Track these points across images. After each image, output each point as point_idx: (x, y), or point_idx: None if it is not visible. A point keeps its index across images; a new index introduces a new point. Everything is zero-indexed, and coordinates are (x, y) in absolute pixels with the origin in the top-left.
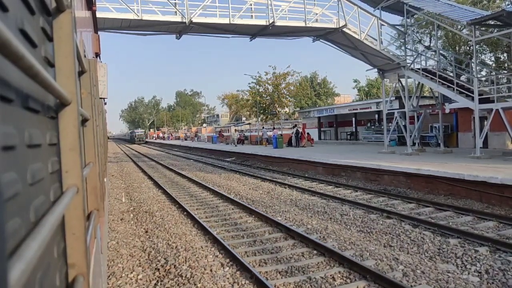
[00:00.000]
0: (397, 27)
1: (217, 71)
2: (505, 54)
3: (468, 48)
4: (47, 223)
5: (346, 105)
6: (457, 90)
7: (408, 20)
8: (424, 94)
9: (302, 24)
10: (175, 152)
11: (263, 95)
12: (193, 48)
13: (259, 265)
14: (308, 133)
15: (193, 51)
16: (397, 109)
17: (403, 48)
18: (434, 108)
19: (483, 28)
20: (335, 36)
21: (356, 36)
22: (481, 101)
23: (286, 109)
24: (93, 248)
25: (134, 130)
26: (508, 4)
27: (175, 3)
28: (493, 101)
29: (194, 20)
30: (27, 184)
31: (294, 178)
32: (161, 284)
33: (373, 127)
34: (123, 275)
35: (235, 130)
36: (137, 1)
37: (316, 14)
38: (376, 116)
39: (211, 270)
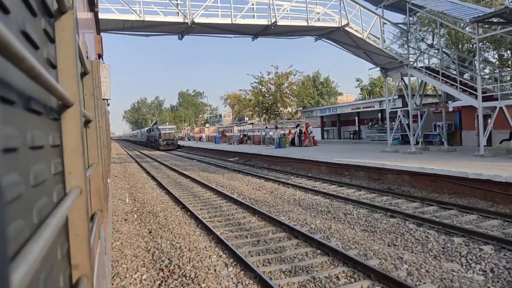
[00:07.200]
0: (400, 25)
1: (219, 71)
2: (508, 52)
3: (471, 46)
4: (50, 224)
5: (349, 104)
6: (460, 88)
7: (411, 18)
8: (427, 92)
9: (304, 23)
10: (178, 152)
11: (266, 95)
12: (195, 48)
13: (263, 265)
14: (311, 132)
15: (195, 51)
16: (400, 107)
17: (405, 46)
18: (438, 107)
19: (486, 26)
20: (337, 35)
21: (359, 35)
22: (485, 99)
23: (289, 109)
24: (97, 249)
25: (158, 126)
26: (511, 1)
27: (177, 3)
28: (496, 99)
29: (196, 20)
30: (30, 186)
31: (297, 177)
32: (165, 285)
33: (376, 126)
34: (127, 275)
35: (276, 127)
36: (139, 2)
37: (318, 13)
38: (379, 115)
39: (215, 270)
